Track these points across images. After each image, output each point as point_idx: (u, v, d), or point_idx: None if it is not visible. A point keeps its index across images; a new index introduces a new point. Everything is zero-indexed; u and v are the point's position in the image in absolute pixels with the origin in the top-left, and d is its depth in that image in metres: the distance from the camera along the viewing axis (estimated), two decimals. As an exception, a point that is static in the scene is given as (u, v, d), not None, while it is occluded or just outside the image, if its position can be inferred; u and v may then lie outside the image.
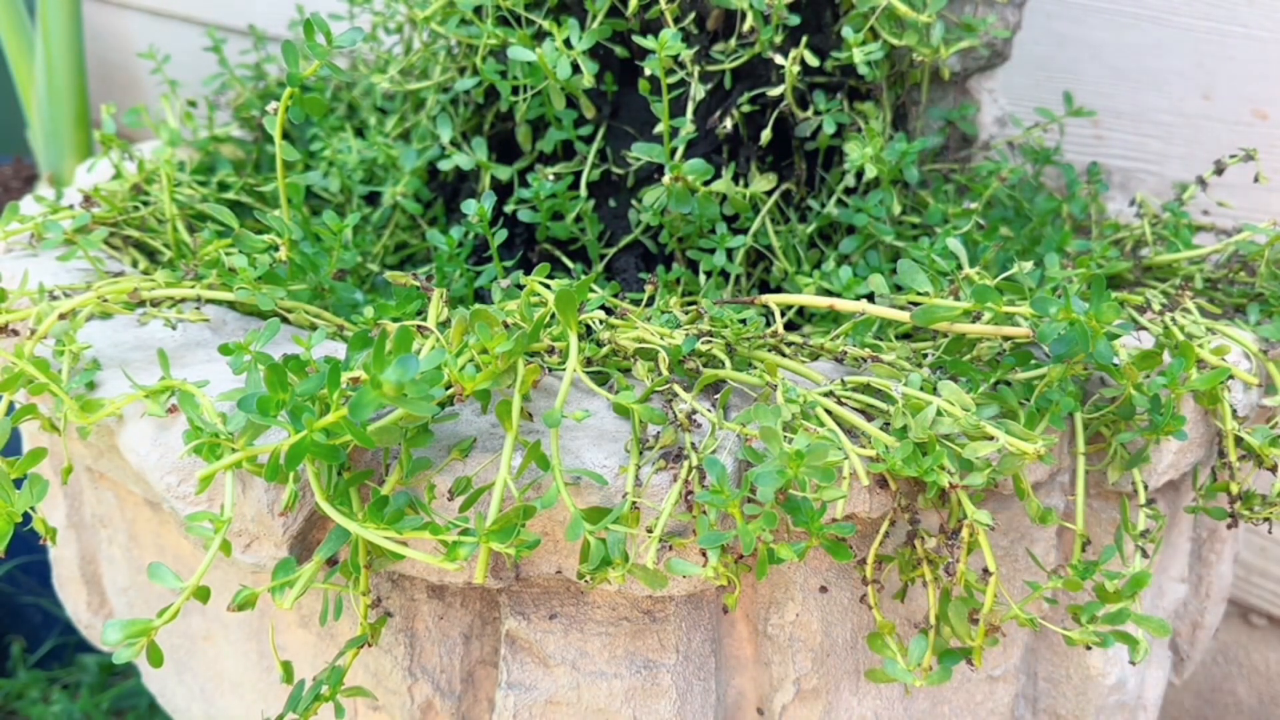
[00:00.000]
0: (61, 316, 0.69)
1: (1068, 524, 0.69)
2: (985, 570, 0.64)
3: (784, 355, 0.72)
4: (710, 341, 0.70)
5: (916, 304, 0.68)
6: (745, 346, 0.70)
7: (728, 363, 0.69)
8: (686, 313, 0.75)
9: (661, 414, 0.63)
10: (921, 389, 0.65)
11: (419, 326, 0.67)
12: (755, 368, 0.70)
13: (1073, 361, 0.65)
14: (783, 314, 0.85)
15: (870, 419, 0.65)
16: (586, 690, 0.68)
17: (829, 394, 0.66)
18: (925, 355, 0.73)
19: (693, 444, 0.62)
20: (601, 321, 0.72)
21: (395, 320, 0.73)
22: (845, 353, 0.71)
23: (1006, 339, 0.67)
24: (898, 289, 0.84)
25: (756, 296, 0.75)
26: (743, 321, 0.72)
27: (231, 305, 0.78)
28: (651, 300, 0.76)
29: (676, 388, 0.67)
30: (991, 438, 0.62)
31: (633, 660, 0.68)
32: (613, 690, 0.68)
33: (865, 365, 0.71)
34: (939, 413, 0.63)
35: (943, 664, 0.65)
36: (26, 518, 0.62)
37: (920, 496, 0.65)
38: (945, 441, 0.62)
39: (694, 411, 0.65)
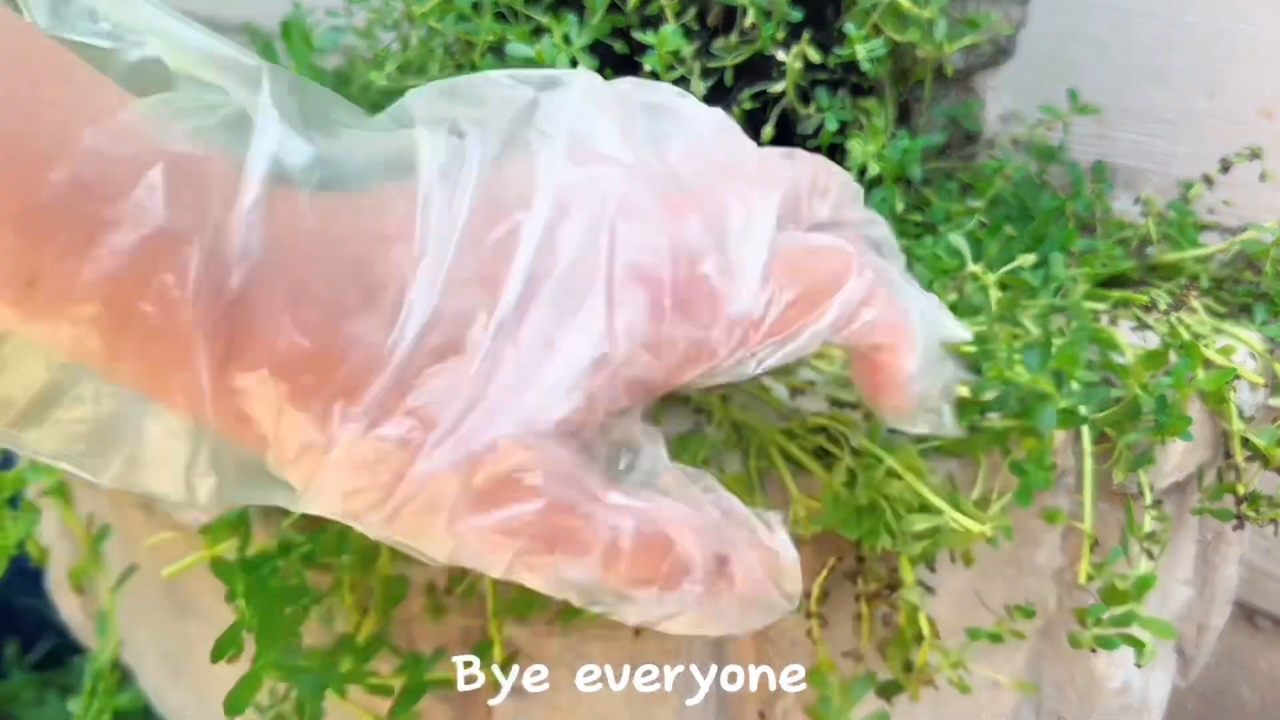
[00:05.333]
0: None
1: (1075, 523, 0.68)
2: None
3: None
4: None
5: None
6: None
7: None
8: None
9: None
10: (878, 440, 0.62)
11: None
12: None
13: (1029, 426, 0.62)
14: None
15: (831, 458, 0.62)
16: (586, 695, 0.67)
17: (786, 432, 0.63)
18: None
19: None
20: None
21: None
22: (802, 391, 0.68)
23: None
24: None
25: None
26: None
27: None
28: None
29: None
30: (938, 511, 0.59)
31: (633, 664, 0.67)
32: (612, 695, 0.67)
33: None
34: (888, 473, 0.60)
35: (883, 697, 0.64)
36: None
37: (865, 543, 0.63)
38: (891, 503, 0.59)
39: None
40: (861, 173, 0.84)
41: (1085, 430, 0.68)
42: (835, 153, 0.88)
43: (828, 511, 0.59)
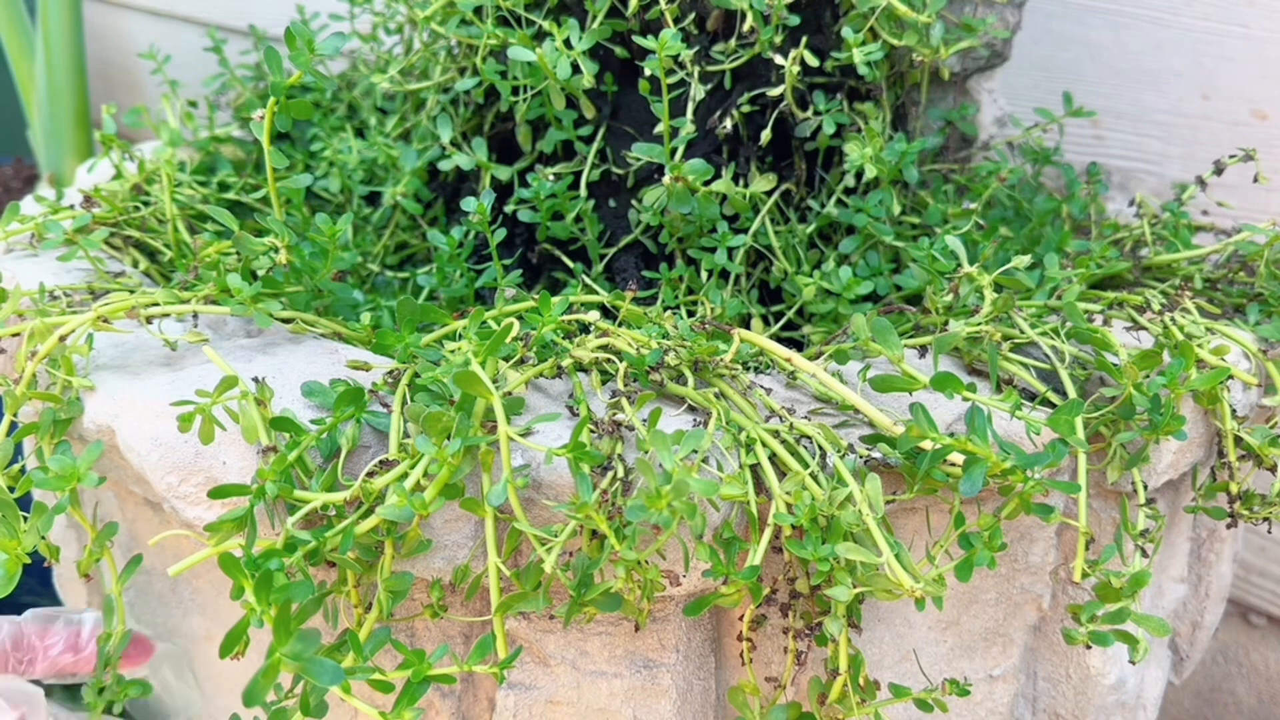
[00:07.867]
0: (61, 339, 0.69)
1: (1070, 520, 0.69)
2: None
3: (733, 380, 0.69)
4: (679, 357, 0.68)
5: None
6: (707, 369, 0.69)
7: (690, 379, 0.68)
8: (677, 325, 0.73)
9: (600, 456, 0.61)
10: (853, 469, 0.62)
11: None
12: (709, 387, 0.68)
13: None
14: (779, 318, 0.85)
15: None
16: (587, 690, 0.68)
17: (774, 434, 0.64)
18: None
19: (620, 456, 0.62)
20: (585, 328, 0.71)
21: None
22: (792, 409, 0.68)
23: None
24: (897, 289, 0.84)
25: (732, 327, 0.72)
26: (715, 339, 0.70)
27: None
28: (654, 298, 0.76)
29: (624, 400, 0.65)
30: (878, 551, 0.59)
31: (633, 660, 0.68)
32: (613, 690, 0.68)
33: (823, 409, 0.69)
34: (849, 499, 0.60)
35: None
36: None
37: (803, 577, 0.64)
38: (842, 527, 0.60)
39: (629, 427, 0.63)
40: (858, 175, 0.85)
41: (1080, 429, 0.69)
42: (832, 155, 0.89)
43: (781, 522, 0.60)
